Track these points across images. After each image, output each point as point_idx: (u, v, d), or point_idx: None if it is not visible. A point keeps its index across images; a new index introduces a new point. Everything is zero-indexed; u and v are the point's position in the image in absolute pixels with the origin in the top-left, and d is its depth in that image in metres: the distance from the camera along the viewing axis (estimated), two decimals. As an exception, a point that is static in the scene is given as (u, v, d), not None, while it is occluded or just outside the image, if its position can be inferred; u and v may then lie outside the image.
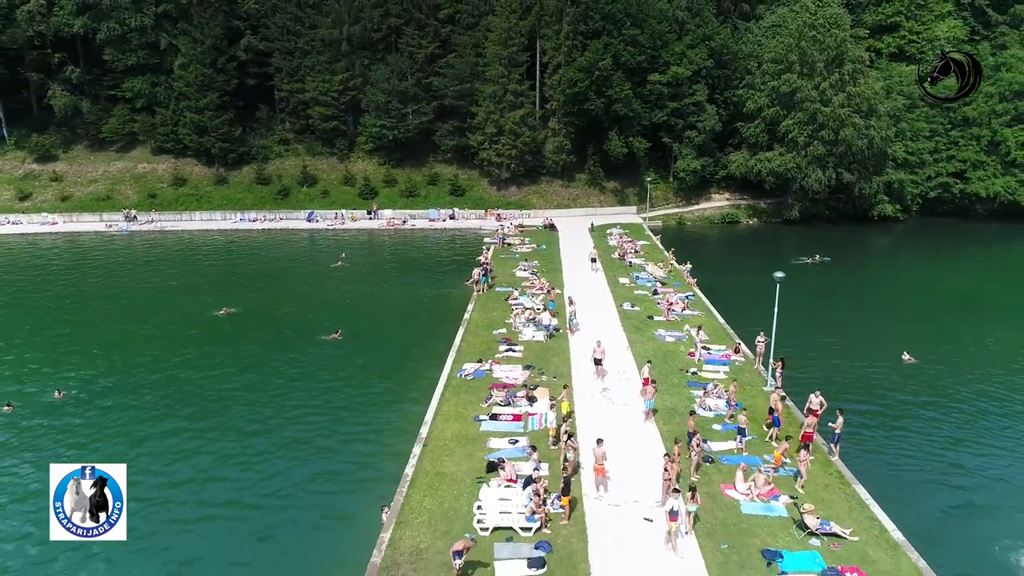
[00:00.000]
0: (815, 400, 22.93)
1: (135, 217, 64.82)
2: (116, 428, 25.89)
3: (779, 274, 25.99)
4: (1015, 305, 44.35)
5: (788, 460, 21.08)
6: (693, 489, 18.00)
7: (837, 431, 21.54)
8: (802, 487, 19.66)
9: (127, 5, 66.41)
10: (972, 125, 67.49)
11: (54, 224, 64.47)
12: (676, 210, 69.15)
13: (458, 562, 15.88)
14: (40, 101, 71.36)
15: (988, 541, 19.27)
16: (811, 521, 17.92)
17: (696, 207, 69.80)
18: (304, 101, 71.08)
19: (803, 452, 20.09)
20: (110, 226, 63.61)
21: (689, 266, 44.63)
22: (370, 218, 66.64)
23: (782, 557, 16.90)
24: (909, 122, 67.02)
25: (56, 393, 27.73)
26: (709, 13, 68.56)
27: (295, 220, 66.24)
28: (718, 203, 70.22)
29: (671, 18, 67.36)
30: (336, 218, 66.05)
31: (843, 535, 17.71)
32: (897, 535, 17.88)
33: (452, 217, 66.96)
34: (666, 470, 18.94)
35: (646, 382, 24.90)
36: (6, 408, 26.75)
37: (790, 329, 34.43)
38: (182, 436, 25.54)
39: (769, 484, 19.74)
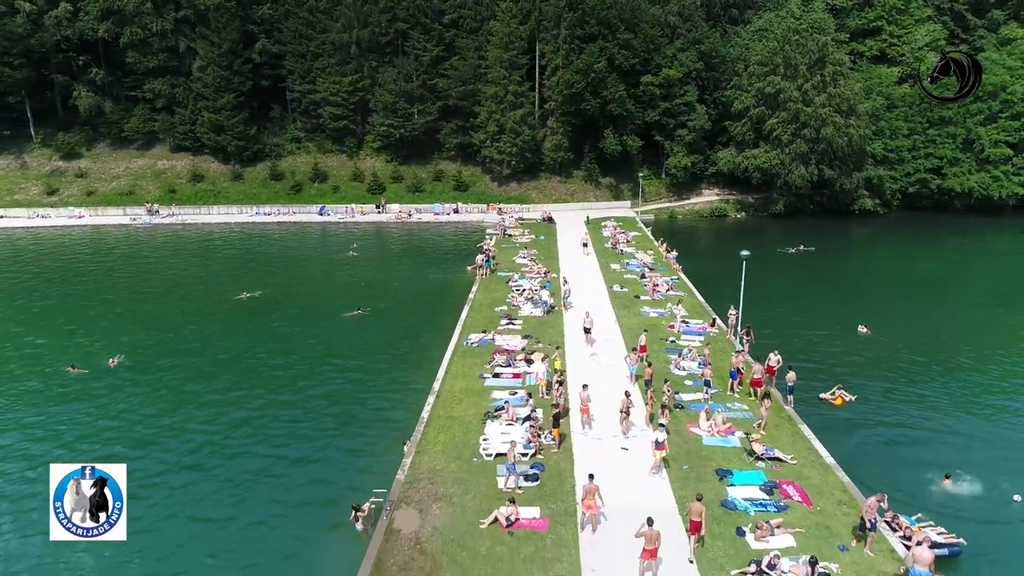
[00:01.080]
0: (772, 358, 26.77)
1: (157, 211, 68.72)
2: (163, 392, 29.60)
3: (744, 252, 29.88)
4: (975, 287, 48.20)
5: (743, 404, 24.99)
6: (662, 424, 21.88)
7: (790, 384, 25.39)
8: (763, 429, 23.35)
9: (149, 11, 70.24)
10: (948, 124, 71.10)
11: (80, 218, 68.32)
12: (668, 204, 72.93)
13: None
14: (65, 102, 75.20)
15: (905, 464, 22.97)
16: (758, 448, 21.77)
17: (687, 202, 73.57)
18: (315, 101, 74.86)
19: (766, 401, 23.86)
20: (134, 219, 67.46)
21: (675, 253, 48.43)
22: (378, 212, 70.46)
23: (732, 474, 20.72)
24: (888, 121, 70.65)
25: (110, 361, 31.51)
26: (699, 18, 72.31)
27: (308, 214, 70.06)
28: (708, 198, 73.99)
29: (663, 23, 71.08)
30: (346, 212, 69.88)
31: (784, 459, 21.52)
32: (829, 460, 21.70)
33: (456, 211, 70.73)
34: (634, 400, 22.81)
35: (643, 349, 28.68)
36: (71, 369, 30.60)
37: (766, 306, 38.63)
38: (225, 392, 29.31)
39: (727, 424, 23.55)
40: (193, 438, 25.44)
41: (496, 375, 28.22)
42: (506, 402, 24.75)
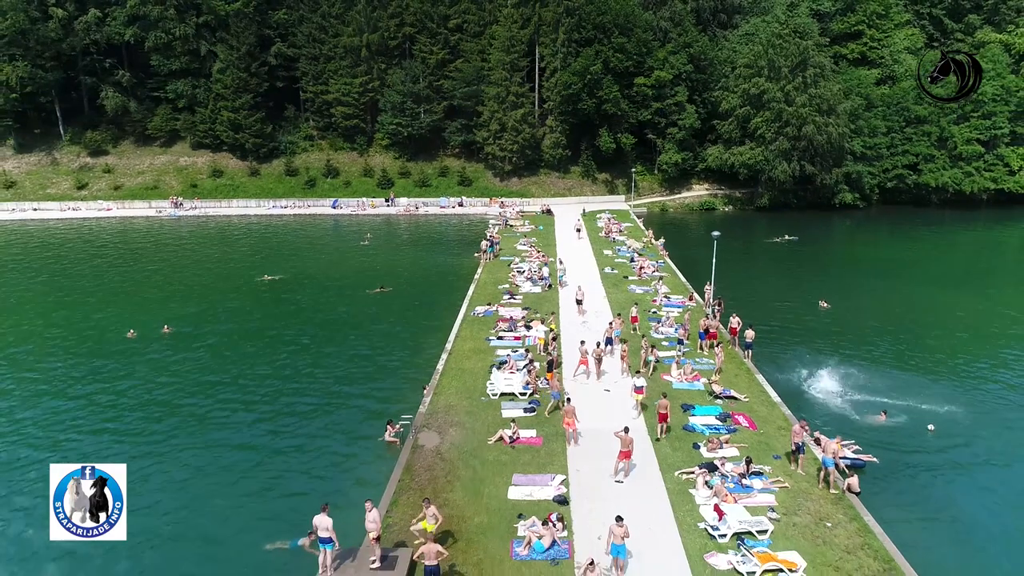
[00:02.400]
0: (734, 320, 31.36)
1: (181, 204, 73.32)
2: (208, 353, 34.15)
3: (715, 233, 34.36)
4: (935, 272, 52.55)
5: (710, 359, 29.52)
6: (638, 371, 26.44)
7: (748, 340, 29.92)
8: (719, 372, 27.86)
9: (172, 16, 74.81)
10: (924, 123, 75.57)
11: (108, 210, 72.89)
12: (660, 199, 77.45)
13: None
14: (92, 102, 79.78)
15: (848, 404, 27.46)
16: (717, 388, 26.31)
17: (678, 196, 78.08)
18: (328, 101, 79.42)
19: (718, 349, 28.42)
20: (160, 212, 72.08)
21: (663, 240, 52.96)
22: (387, 205, 75.02)
23: (694, 408, 25.24)
24: (867, 120, 75.08)
25: (164, 328, 36.09)
26: (689, 23, 76.79)
27: (321, 207, 74.62)
28: (698, 192, 78.49)
29: (655, 28, 75.65)
30: (358, 205, 74.47)
31: (739, 397, 26.03)
32: (776, 398, 26.22)
33: (460, 205, 75.27)
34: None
35: (634, 319, 33.17)
36: (130, 334, 35.17)
37: (747, 286, 43.59)
38: (265, 352, 33.85)
39: (694, 373, 28.08)
40: (249, 385, 30.02)
41: (500, 338, 32.73)
42: (509, 355, 29.31)
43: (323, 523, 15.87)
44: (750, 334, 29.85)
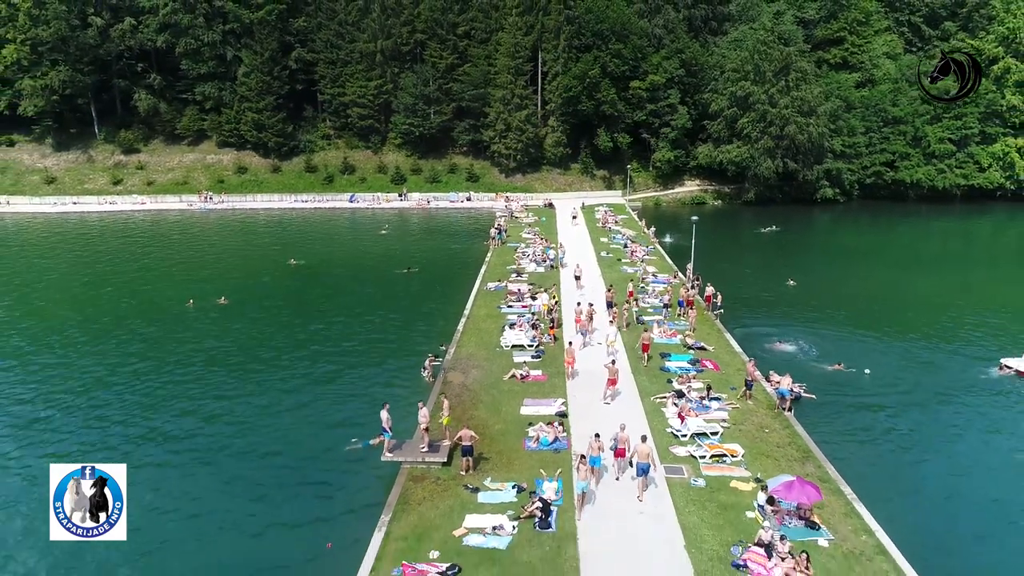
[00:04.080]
0: (709, 290, 37.03)
1: (211, 198, 79.06)
2: (263, 317, 39.92)
3: (694, 218, 40.05)
4: (900, 257, 58.19)
5: (686, 320, 35.24)
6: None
7: (718, 303, 35.63)
8: (692, 330, 33.54)
9: (201, 24, 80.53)
10: (900, 123, 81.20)
11: (143, 204, 78.67)
12: (654, 193, 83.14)
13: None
14: (124, 103, 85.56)
15: (806, 358, 33.12)
16: (690, 341, 31.99)
17: (671, 191, 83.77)
18: (344, 103, 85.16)
19: (691, 311, 34.15)
20: (191, 205, 77.85)
21: (654, 229, 58.64)
22: (401, 200, 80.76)
23: (670, 355, 30.88)
24: (846, 120, 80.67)
25: (221, 299, 41.84)
26: (681, 31, 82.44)
27: (339, 201, 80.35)
28: (689, 188, 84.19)
29: (650, 35, 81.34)
30: (373, 199, 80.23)
31: (707, 348, 31.68)
32: (738, 349, 31.86)
33: (468, 199, 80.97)
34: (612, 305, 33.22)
35: (630, 294, 38.81)
36: (189, 303, 40.93)
37: (730, 267, 49.05)
38: (308, 319, 39.57)
39: (672, 331, 33.75)
40: (299, 339, 35.74)
41: (510, 306, 38.40)
42: (518, 317, 35.01)
43: (384, 417, 21.54)
44: (719, 298, 35.66)
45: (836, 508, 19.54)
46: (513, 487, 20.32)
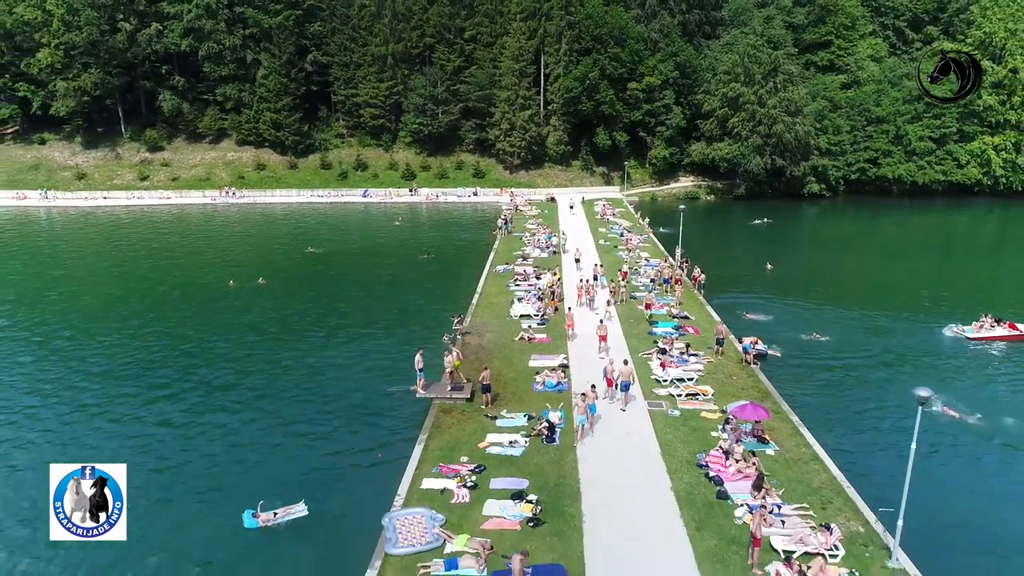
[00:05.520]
0: (696, 271, 41.84)
1: (233, 192, 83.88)
2: (292, 291, 44.76)
3: (682, 207, 44.85)
4: (876, 246, 62.87)
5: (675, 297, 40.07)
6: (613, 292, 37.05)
7: (702, 283, 40.44)
8: (679, 304, 38.34)
9: (222, 29, 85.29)
10: (882, 122, 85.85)
11: (168, 199, 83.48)
12: (650, 189, 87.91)
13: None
14: (149, 103, 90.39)
15: (779, 326, 37.85)
16: (675, 311, 36.80)
17: (666, 187, 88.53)
18: (357, 103, 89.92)
19: (679, 288, 38.97)
20: (214, 200, 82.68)
21: (648, 220, 63.43)
22: (411, 195, 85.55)
23: (657, 323, 35.70)
24: (831, 120, 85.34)
25: (260, 280, 46.63)
26: (676, 35, 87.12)
27: (353, 196, 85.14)
28: (684, 183, 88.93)
29: (646, 39, 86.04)
30: (385, 195, 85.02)
31: (690, 317, 36.49)
32: (717, 318, 36.64)
33: (475, 194, 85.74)
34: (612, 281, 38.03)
35: (624, 275, 43.58)
36: (231, 284, 45.71)
37: (718, 253, 53.87)
38: (337, 295, 44.39)
39: (660, 305, 38.55)
40: (341, 311, 40.55)
41: (517, 285, 43.22)
42: (525, 293, 39.85)
43: (417, 360, 26.41)
44: (704, 278, 40.47)
45: (784, 431, 24.37)
46: (524, 416, 25.14)
